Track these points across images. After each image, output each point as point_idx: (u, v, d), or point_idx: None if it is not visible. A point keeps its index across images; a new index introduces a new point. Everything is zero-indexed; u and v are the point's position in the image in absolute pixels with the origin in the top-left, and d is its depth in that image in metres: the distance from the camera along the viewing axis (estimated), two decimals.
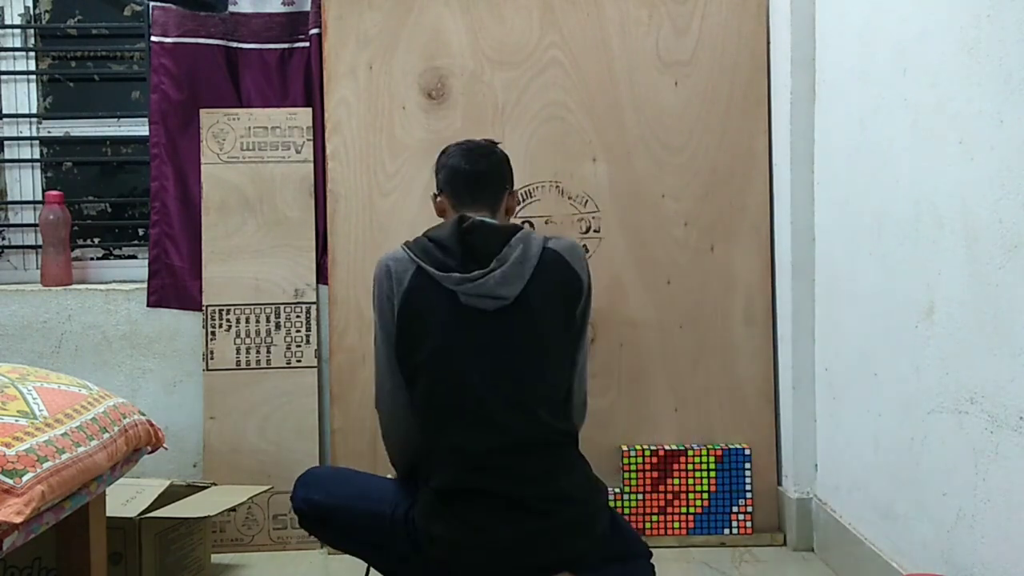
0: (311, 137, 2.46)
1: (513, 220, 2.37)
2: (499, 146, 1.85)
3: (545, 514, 1.59)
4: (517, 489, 1.59)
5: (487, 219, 1.69)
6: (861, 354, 2.00)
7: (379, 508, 1.69)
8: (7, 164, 2.65)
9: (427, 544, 1.63)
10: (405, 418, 1.70)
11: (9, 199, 2.65)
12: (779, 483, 2.39)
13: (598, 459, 1.73)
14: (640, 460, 2.36)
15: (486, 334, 1.60)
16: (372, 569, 1.82)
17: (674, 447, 2.37)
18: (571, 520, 1.61)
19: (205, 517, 2.09)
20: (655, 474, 2.36)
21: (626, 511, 2.35)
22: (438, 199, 1.80)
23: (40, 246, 2.56)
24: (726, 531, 2.35)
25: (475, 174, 1.75)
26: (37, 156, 2.66)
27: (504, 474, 1.59)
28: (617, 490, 2.35)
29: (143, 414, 1.71)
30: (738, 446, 2.37)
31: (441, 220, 1.79)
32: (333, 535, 1.80)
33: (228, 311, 2.43)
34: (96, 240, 2.70)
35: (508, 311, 1.61)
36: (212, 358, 2.41)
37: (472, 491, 1.60)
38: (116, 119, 2.66)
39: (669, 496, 2.36)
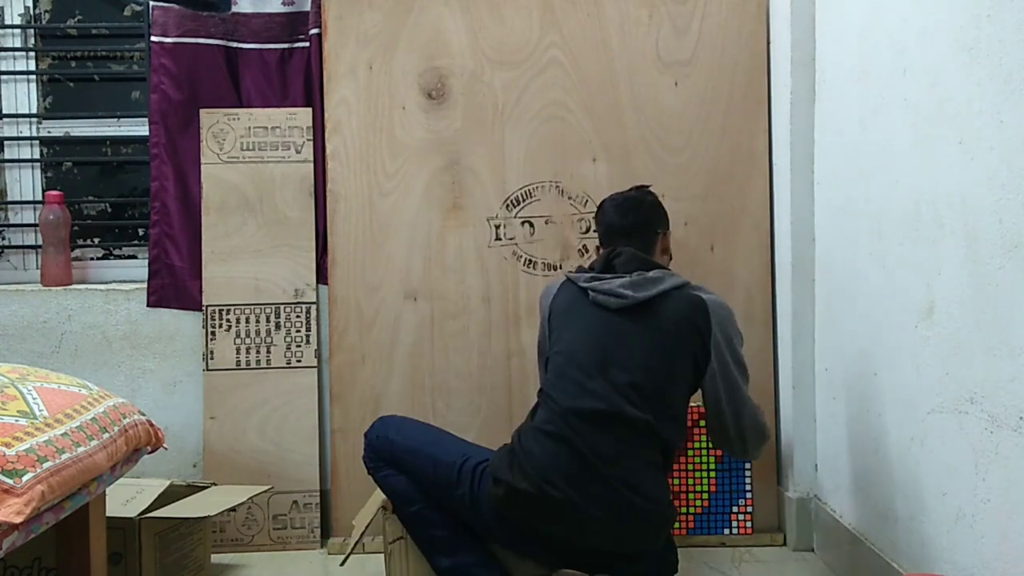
0: (311, 137, 2.46)
1: (512, 217, 2.39)
2: (649, 189, 2.04)
3: (615, 494, 1.65)
4: (597, 459, 1.66)
5: (637, 251, 1.87)
6: (861, 354, 2.00)
7: (451, 455, 1.81)
8: (7, 164, 2.65)
9: (491, 488, 1.69)
10: None
11: (9, 199, 2.65)
12: (779, 483, 2.39)
13: None
14: None
15: (601, 324, 1.77)
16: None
17: None
18: (640, 514, 1.66)
19: (205, 517, 2.09)
20: None
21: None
22: (599, 252, 2.01)
23: (40, 246, 2.56)
24: (726, 531, 2.35)
25: (626, 228, 1.94)
26: (37, 156, 2.66)
27: (592, 440, 1.67)
28: None
29: (143, 414, 1.71)
30: None
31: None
32: (392, 473, 1.87)
33: (228, 311, 2.43)
34: (96, 240, 2.70)
35: (628, 311, 1.76)
36: (212, 358, 2.41)
37: (556, 436, 1.68)
38: (116, 119, 2.66)
39: None
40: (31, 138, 2.65)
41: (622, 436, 1.69)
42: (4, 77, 2.64)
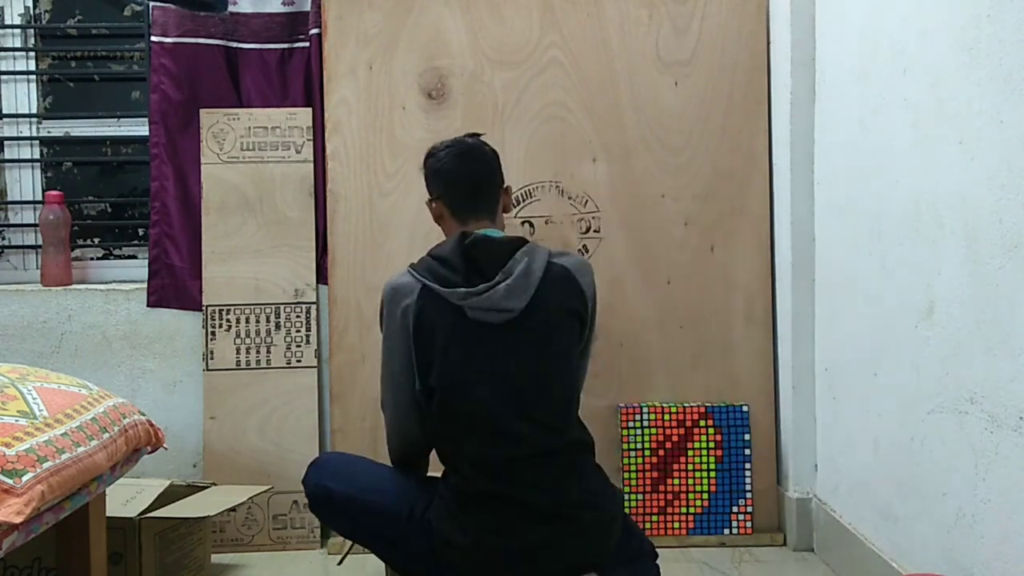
0: (311, 137, 2.46)
1: (512, 217, 2.39)
2: (483, 138, 1.80)
3: (563, 519, 1.60)
4: (534, 496, 1.59)
5: (490, 232, 1.69)
6: (861, 354, 2.00)
7: (395, 505, 1.69)
8: (7, 164, 2.65)
9: (442, 548, 1.63)
10: (403, 425, 1.71)
11: (9, 199, 2.65)
12: (779, 483, 2.39)
13: (598, 458, 1.73)
14: (640, 460, 2.36)
15: (494, 348, 1.60)
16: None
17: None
18: (588, 526, 1.62)
19: (205, 517, 2.09)
20: (655, 474, 2.37)
21: (626, 511, 2.34)
22: (433, 205, 1.77)
23: (40, 246, 2.56)
24: (726, 531, 2.35)
25: (472, 181, 1.73)
26: (37, 156, 2.66)
27: (520, 482, 1.60)
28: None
29: (143, 414, 1.71)
30: (737, 404, 2.38)
31: (439, 226, 1.78)
32: (344, 525, 1.79)
33: (228, 311, 2.43)
34: (96, 240, 2.70)
35: (515, 323, 1.60)
36: (212, 358, 2.41)
37: (489, 496, 1.60)
38: (116, 119, 2.66)
39: (669, 496, 2.36)
40: (31, 138, 2.65)
41: (547, 466, 1.61)
42: (4, 77, 2.64)
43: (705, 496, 2.36)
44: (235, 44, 2.50)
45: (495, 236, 1.68)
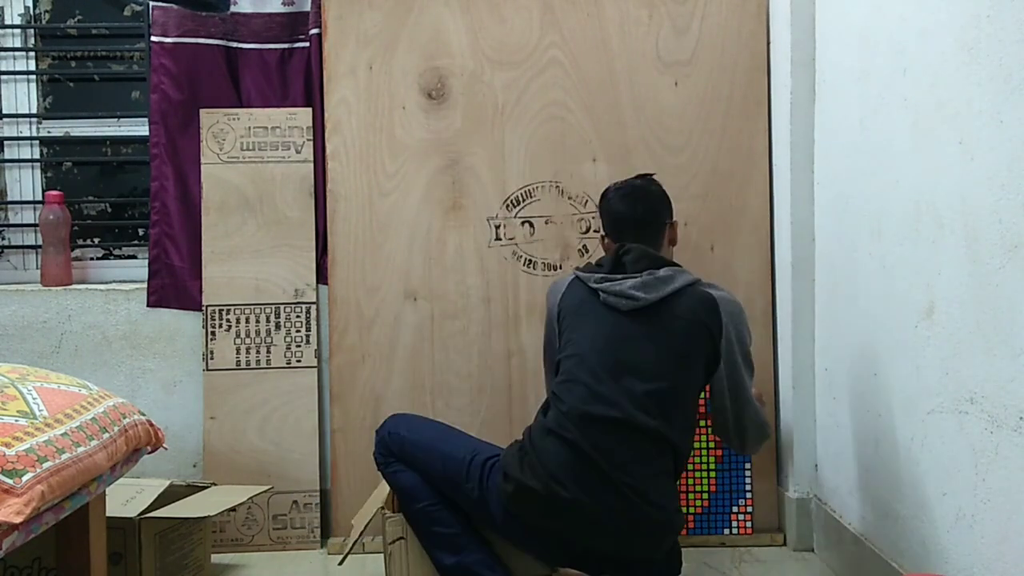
0: (311, 137, 2.46)
1: (512, 217, 2.39)
2: (655, 178, 2.02)
3: (622, 498, 1.65)
4: (608, 465, 1.65)
5: (647, 247, 1.85)
6: (861, 354, 2.00)
7: (459, 453, 1.81)
8: (7, 164, 2.65)
9: (500, 483, 1.70)
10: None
11: (9, 199, 2.65)
12: (779, 483, 2.39)
13: None
14: None
15: (615, 328, 1.76)
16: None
17: None
18: (647, 520, 1.67)
19: (205, 517, 2.09)
20: None
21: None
22: (605, 241, 2.00)
23: (40, 246, 2.56)
24: (726, 531, 2.35)
25: (635, 219, 1.92)
26: (37, 156, 2.66)
27: (600, 444, 1.66)
28: None
29: (143, 414, 1.71)
30: None
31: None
32: (402, 469, 1.87)
33: (228, 311, 2.43)
34: (96, 240, 2.70)
35: (640, 313, 1.75)
36: (212, 358, 2.41)
37: (567, 440, 1.68)
38: (116, 119, 2.66)
39: None
40: (31, 138, 2.65)
41: (632, 443, 1.68)
42: (4, 77, 2.64)
43: (705, 496, 2.36)
44: (235, 44, 2.50)
45: (650, 250, 1.86)
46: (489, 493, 1.73)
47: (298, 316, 2.44)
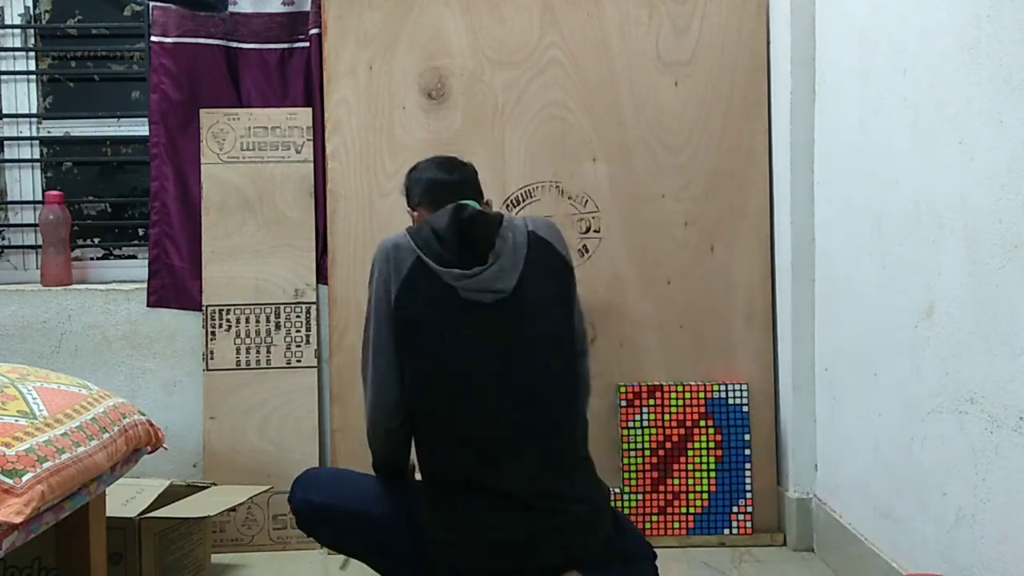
0: (311, 137, 2.46)
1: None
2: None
3: (549, 512, 1.59)
4: (520, 486, 1.59)
5: (476, 205, 1.70)
6: (861, 354, 2.00)
7: (379, 510, 1.70)
8: (7, 164, 2.65)
9: (429, 546, 1.63)
10: (384, 398, 1.67)
11: (9, 199, 2.65)
12: (779, 483, 2.39)
13: (598, 458, 1.73)
14: (640, 460, 2.36)
15: (487, 327, 1.61)
16: (353, 562, 1.82)
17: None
18: (575, 519, 1.61)
19: (205, 517, 2.09)
20: (655, 474, 2.37)
21: (626, 511, 2.34)
22: (415, 214, 1.80)
23: (40, 246, 2.56)
24: (726, 531, 2.35)
25: (455, 184, 1.76)
26: (37, 156, 2.66)
27: (507, 469, 1.59)
28: (617, 490, 2.35)
29: (143, 414, 1.71)
30: (737, 404, 2.37)
31: None
32: (332, 536, 1.80)
33: (228, 311, 2.43)
34: (96, 240, 2.70)
35: (506, 303, 1.61)
36: (212, 358, 2.41)
37: (475, 487, 1.60)
38: (116, 119, 2.66)
39: (669, 496, 2.36)
40: (31, 138, 2.65)
41: (539, 451, 1.60)
42: (4, 77, 2.64)
43: (705, 496, 2.36)
44: (235, 44, 2.50)
45: (485, 212, 1.69)
46: (425, 550, 1.65)
47: (298, 316, 2.44)
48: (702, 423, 2.37)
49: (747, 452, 2.37)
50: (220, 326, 2.42)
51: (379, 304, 1.67)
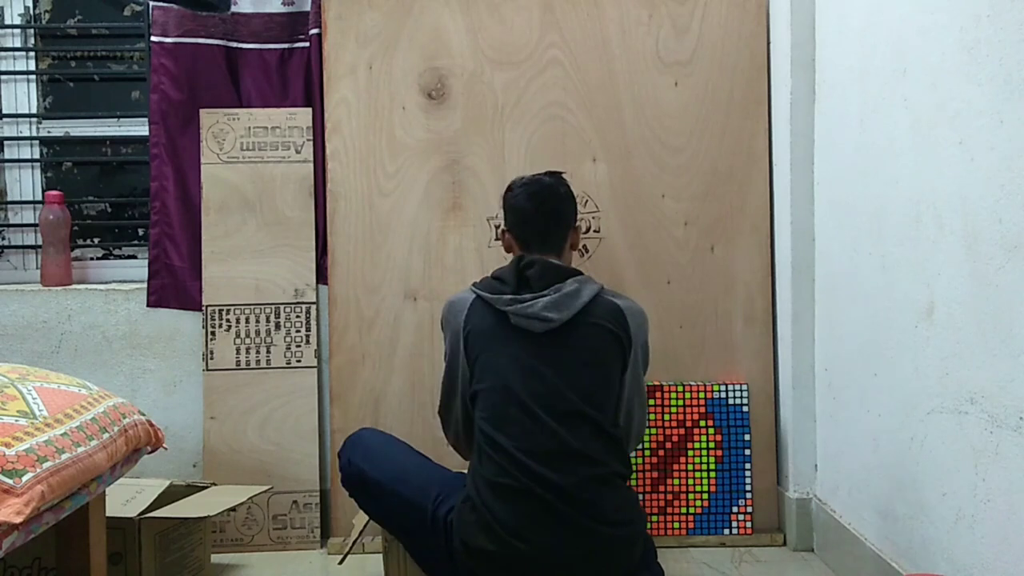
0: (311, 137, 2.46)
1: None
2: (564, 177, 1.94)
3: (583, 531, 1.61)
4: (558, 500, 1.61)
5: (549, 259, 1.79)
6: (861, 354, 2.00)
7: (421, 500, 1.75)
8: (7, 164, 2.65)
9: (461, 550, 1.66)
10: (463, 432, 1.82)
11: (9, 199, 2.65)
12: (779, 483, 2.39)
13: None
14: (640, 460, 2.36)
15: (532, 352, 1.70)
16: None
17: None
18: (607, 541, 1.63)
19: (205, 517, 2.09)
20: (655, 474, 2.37)
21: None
22: (506, 236, 1.91)
23: (40, 246, 2.56)
24: (726, 531, 2.35)
25: (541, 219, 1.85)
26: (37, 156, 2.66)
27: (547, 482, 1.62)
28: None
29: (143, 414, 1.71)
30: (737, 404, 2.37)
31: (509, 254, 1.91)
32: (369, 506, 1.86)
33: (228, 311, 2.43)
34: (96, 240, 2.70)
35: (554, 334, 1.70)
36: (212, 358, 2.41)
37: (514, 492, 1.63)
38: (116, 119, 2.66)
39: (669, 496, 2.36)
40: (31, 138, 2.65)
41: (577, 469, 1.63)
42: (4, 77, 2.64)
43: (705, 496, 2.36)
44: (235, 44, 2.50)
45: (552, 262, 1.79)
46: (453, 550, 1.68)
47: (298, 316, 2.44)
48: (702, 423, 2.37)
49: (747, 452, 2.37)
50: (220, 326, 2.42)
51: (453, 347, 1.80)
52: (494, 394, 1.70)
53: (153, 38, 2.48)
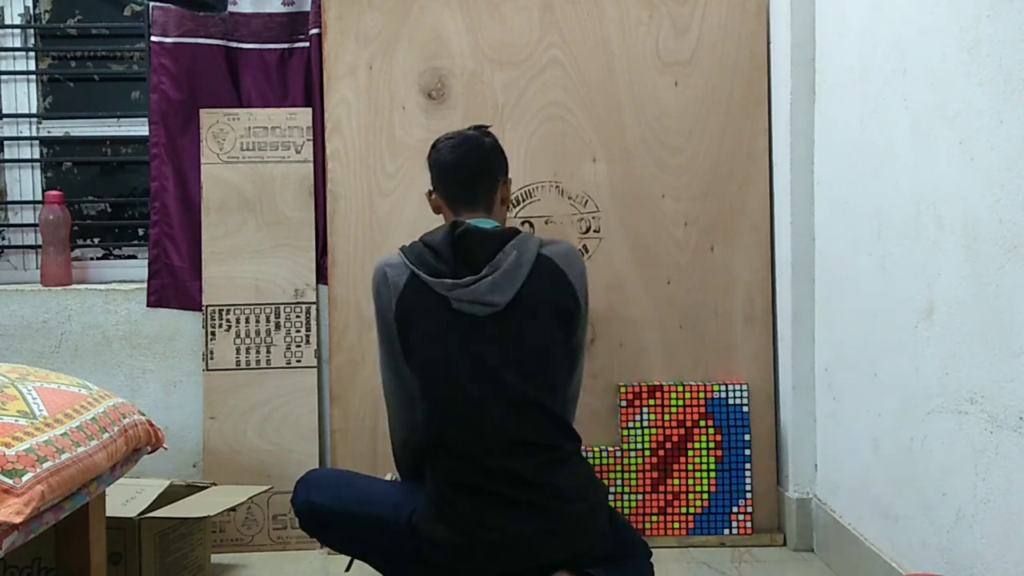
0: (311, 137, 2.46)
1: (512, 217, 2.39)
2: (489, 130, 1.83)
3: (545, 512, 1.60)
4: (516, 489, 1.60)
5: (482, 222, 1.70)
6: (861, 354, 2.00)
7: (381, 512, 1.70)
8: (7, 164, 2.65)
9: (428, 548, 1.64)
10: (407, 414, 1.72)
11: (9, 199, 2.65)
12: (779, 483, 2.39)
13: (598, 459, 1.73)
14: (640, 460, 2.36)
15: (477, 339, 1.62)
16: (357, 563, 1.83)
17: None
18: (571, 518, 1.61)
19: (205, 517, 2.09)
20: (655, 474, 2.36)
21: (626, 511, 2.35)
22: (432, 196, 1.81)
23: (40, 246, 2.56)
24: (726, 531, 2.35)
25: (466, 172, 1.75)
26: (37, 156, 2.66)
27: (503, 474, 1.60)
28: (617, 490, 2.35)
29: (143, 414, 1.71)
30: (737, 404, 2.37)
31: (439, 216, 1.81)
32: (334, 538, 1.81)
33: (228, 311, 2.43)
34: (96, 240, 2.70)
35: (499, 317, 1.62)
36: (212, 358, 2.41)
37: (473, 489, 1.61)
38: (116, 119, 2.66)
39: (669, 496, 2.36)
40: (31, 138, 2.65)
41: (532, 455, 1.61)
42: (4, 77, 2.64)
43: (705, 496, 2.36)
44: (235, 44, 2.50)
45: (486, 227, 1.68)
46: (421, 554, 1.66)
47: (298, 316, 2.44)
48: (702, 423, 2.37)
49: (747, 452, 2.37)
50: (220, 326, 2.42)
51: (384, 324, 1.70)
52: (437, 387, 1.64)
53: (153, 38, 2.48)
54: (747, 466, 2.37)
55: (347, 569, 1.90)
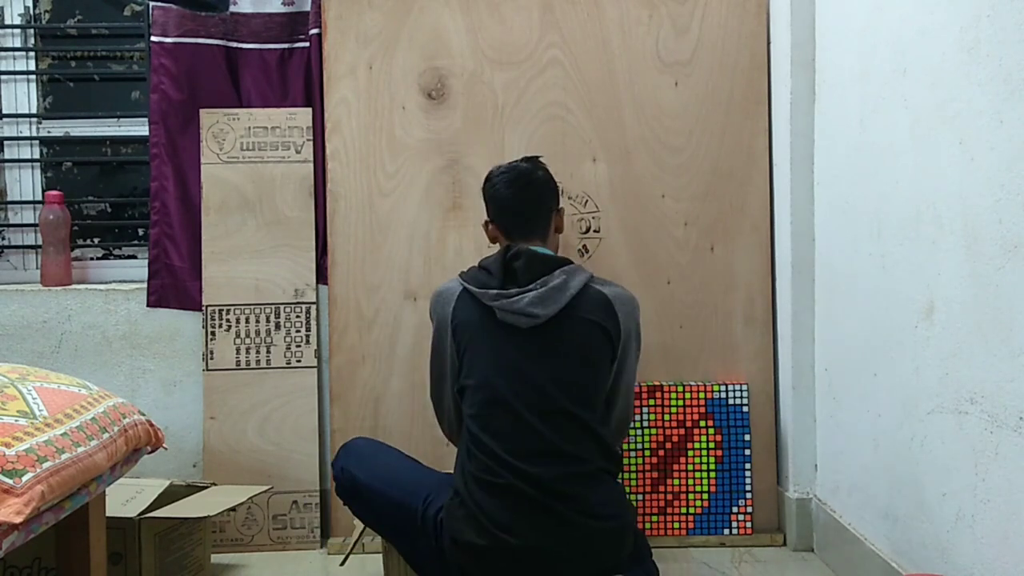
0: (311, 137, 2.46)
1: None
2: (541, 160, 1.92)
3: (572, 525, 1.62)
4: (543, 495, 1.62)
5: (536, 248, 1.78)
6: (861, 354, 2.00)
7: (409, 501, 1.76)
8: (7, 164, 2.65)
9: (450, 546, 1.66)
10: (456, 422, 1.83)
11: (9, 199, 2.65)
12: (779, 483, 2.39)
13: None
14: (640, 460, 2.36)
15: (518, 349, 1.69)
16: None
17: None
18: (597, 535, 1.63)
19: (205, 517, 2.09)
20: (655, 474, 2.37)
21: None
22: (490, 227, 1.91)
23: (40, 246, 2.56)
24: (726, 531, 2.35)
25: (521, 207, 1.84)
26: (37, 156, 2.66)
27: (530, 477, 1.62)
28: None
29: (143, 414, 1.71)
30: (737, 404, 2.37)
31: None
32: (363, 511, 1.87)
33: (228, 311, 2.43)
34: (96, 240, 2.70)
35: (540, 330, 1.69)
36: (212, 358, 2.41)
37: (501, 488, 1.63)
38: (116, 119, 2.66)
39: (669, 496, 2.36)
40: (31, 138, 2.65)
41: (563, 465, 1.64)
42: (4, 77, 2.64)
43: (705, 496, 2.36)
44: (235, 44, 2.50)
45: (539, 252, 1.77)
46: (444, 549, 1.69)
47: (298, 316, 2.44)
48: (702, 423, 2.37)
49: (747, 452, 2.37)
50: (220, 326, 2.42)
51: (441, 337, 1.81)
52: (479, 392, 1.70)
53: (153, 38, 2.47)
54: (747, 466, 2.37)
55: (342, 563, 1.96)
